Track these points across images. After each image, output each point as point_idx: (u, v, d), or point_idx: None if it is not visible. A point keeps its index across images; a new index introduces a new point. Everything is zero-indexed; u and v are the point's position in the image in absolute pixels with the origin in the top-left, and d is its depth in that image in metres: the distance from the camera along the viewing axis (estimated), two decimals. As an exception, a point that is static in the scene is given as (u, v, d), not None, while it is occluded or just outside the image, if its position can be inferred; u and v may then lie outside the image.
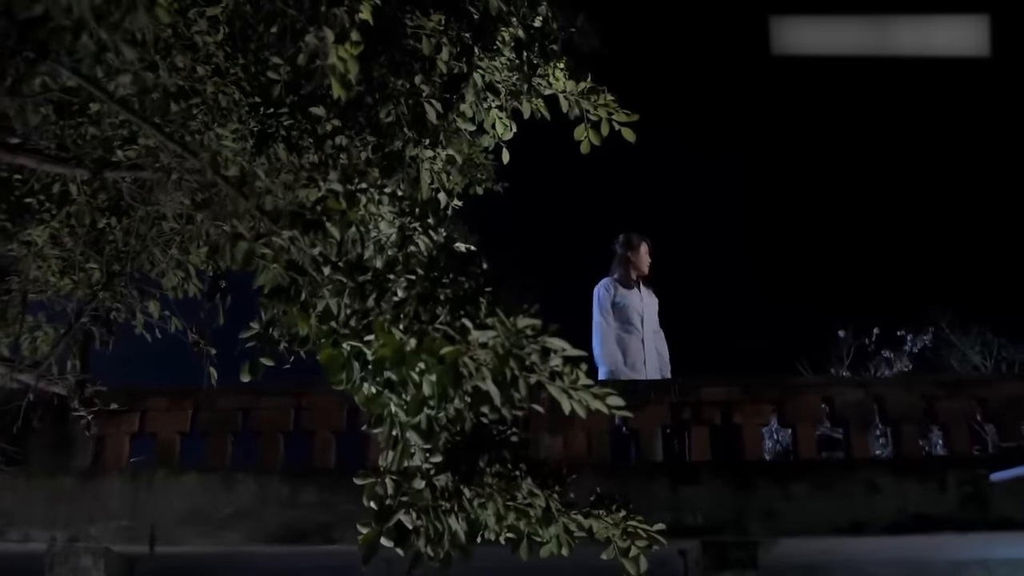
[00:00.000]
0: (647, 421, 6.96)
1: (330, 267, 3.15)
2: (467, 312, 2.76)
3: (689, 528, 5.74)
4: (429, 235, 3.16)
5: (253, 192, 3.43)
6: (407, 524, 3.15)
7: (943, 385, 7.14)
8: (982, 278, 17.29)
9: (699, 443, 6.92)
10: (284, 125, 4.20)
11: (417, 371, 2.76)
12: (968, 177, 18.80)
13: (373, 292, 3.00)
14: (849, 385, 7.21)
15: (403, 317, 2.89)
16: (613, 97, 4.17)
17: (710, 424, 7.04)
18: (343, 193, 3.20)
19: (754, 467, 6.06)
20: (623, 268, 8.30)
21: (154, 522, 5.69)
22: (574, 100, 4.17)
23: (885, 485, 5.86)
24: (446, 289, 2.87)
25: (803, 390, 7.11)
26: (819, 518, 5.79)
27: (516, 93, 4.10)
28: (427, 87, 4.02)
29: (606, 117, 4.17)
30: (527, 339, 2.63)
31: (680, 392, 7.08)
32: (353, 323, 3.01)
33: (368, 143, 4.23)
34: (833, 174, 20.44)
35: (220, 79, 4.23)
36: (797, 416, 6.93)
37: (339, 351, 2.97)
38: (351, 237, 3.15)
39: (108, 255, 4.99)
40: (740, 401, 7.01)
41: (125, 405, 6.62)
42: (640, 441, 6.98)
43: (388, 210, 3.22)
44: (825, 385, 7.21)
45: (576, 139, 4.23)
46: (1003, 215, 18.62)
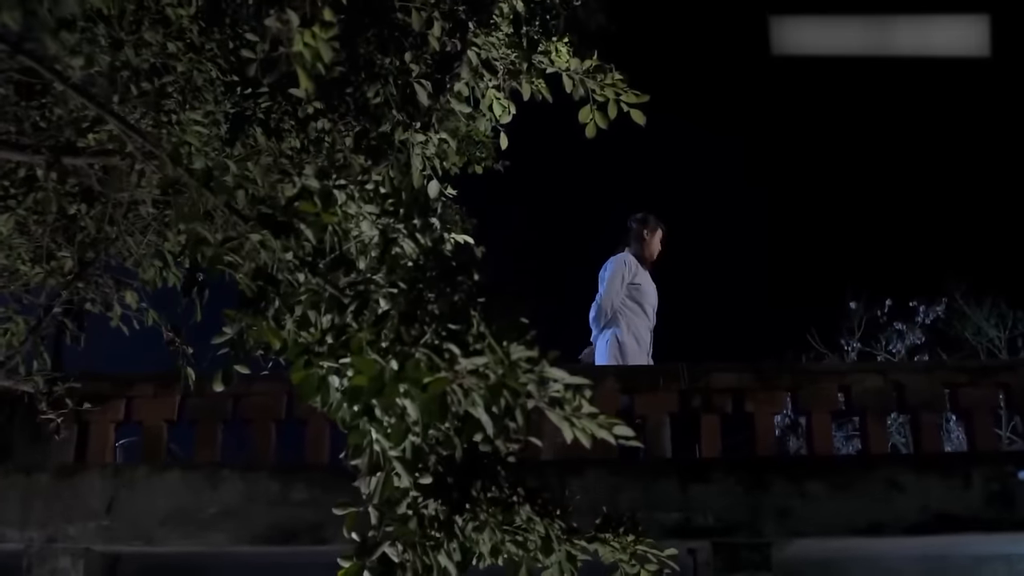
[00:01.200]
0: (655, 408, 6.66)
1: (307, 271, 2.82)
2: (455, 334, 2.43)
3: (699, 528, 5.45)
4: (416, 237, 2.83)
5: (222, 188, 3.09)
6: (392, 558, 2.85)
7: (966, 371, 6.81)
8: (997, 247, 16.93)
9: (709, 433, 6.62)
10: (262, 107, 3.86)
11: (399, 398, 2.44)
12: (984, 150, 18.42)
13: (352, 303, 2.67)
14: (867, 371, 6.87)
15: (383, 336, 2.57)
16: (621, 76, 3.81)
17: (721, 412, 6.74)
18: (319, 191, 2.86)
19: (768, 464, 5.75)
20: (639, 246, 7.94)
21: (136, 522, 5.41)
22: (579, 79, 3.81)
23: (906, 483, 5.55)
24: (432, 305, 2.54)
25: (819, 376, 6.79)
26: (836, 518, 5.49)
27: (515, 72, 3.74)
28: (417, 66, 3.66)
29: (613, 98, 3.82)
30: (523, 370, 2.30)
31: (689, 378, 6.77)
32: (330, 339, 2.69)
33: (354, 127, 3.89)
34: (844, 150, 20.06)
35: (195, 55, 3.89)
36: (812, 404, 6.62)
37: (313, 371, 2.65)
38: (330, 239, 2.82)
39: (80, 243, 4.67)
40: (752, 388, 6.70)
41: (109, 392, 6.34)
42: (647, 430, 6.68)
43: (370, 209, 2.88)
44: (842, 372, 6.88)
45: (581, 121, 3.87)
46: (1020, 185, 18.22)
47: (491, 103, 3.96)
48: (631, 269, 7.84)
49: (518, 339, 2.34)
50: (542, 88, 3.82)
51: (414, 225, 2.84)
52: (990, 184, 18.27)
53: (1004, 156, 18.42)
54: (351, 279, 2.82)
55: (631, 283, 7.80)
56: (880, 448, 6.43)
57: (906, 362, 13.33)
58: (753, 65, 18.13)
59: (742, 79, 18.18)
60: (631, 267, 7.85)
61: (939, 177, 18.31)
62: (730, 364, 7.21)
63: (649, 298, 7.80)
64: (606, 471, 5.62)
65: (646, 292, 7.79)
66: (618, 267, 7.84)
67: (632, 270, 7.83)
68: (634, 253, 7.93)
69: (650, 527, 5.66)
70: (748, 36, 15.17)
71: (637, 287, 7.76)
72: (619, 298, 7.76)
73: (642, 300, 7.75)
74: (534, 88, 3.79)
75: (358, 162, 3.84)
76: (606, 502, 5.69)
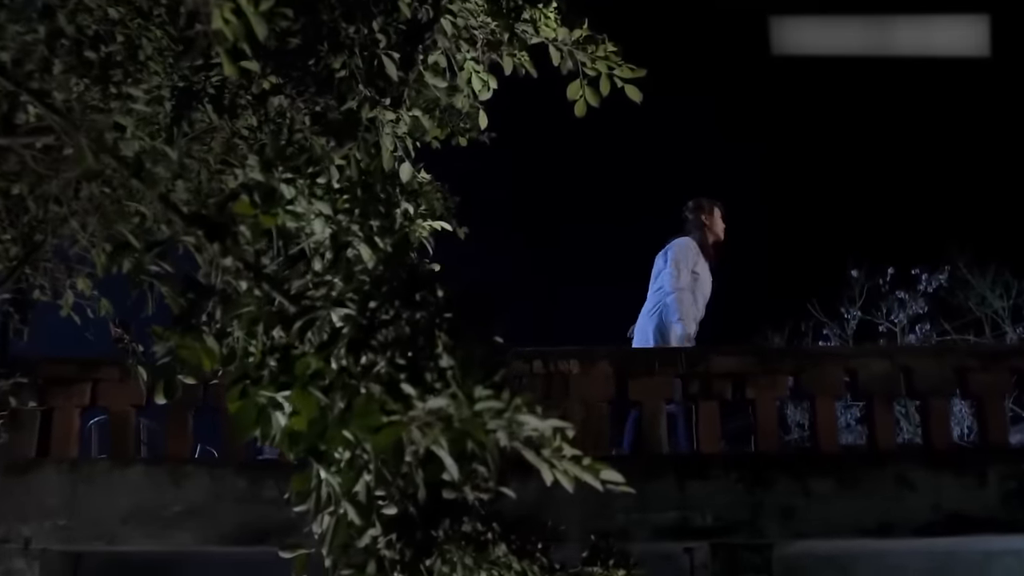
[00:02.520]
0: (651, 394, 6.32)
1: (252, 276, 2.44)
2: (412, 366, 2.05)
3: (697, 529, 5.12)
4: (374, 242, 2.44)
5: (154, 179, 2.70)
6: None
7: (977, 355, 6.47)
8: (1001, 214, 16.53)
9: (708, 420, 6.27)
10: (214, 82, 3.46)
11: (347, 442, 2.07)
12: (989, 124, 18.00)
13: (300, 319, 2.30)
14: (874, 355, 6.52)
15: (334, 359, 2.19)
16: (615, 48, 3.40)
17: (720, 398, 6.40)
18: (261, 186, 2.47)
19: (770, 460, 5.40)
20: (701, 233, 7.42)
21: (96, 520, 5.06)
22: (567, 51, 3.41)
23: (917, 480, 5.21)
24: (387, 329, 2.16)
25: (823, 360, 6.44)
26: (843, 518, 5.16)
27: (495, 43, 3.33)
28: (386, 36, 3.25)
29: (606, 72, 3.41)
30: (489, 417, 1.93)
31: (687, 362, 6.41)
32: (272, 362, 2.31)
33: (316, 103, 3.49)
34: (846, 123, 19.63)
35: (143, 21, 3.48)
36: (817, 389, 6.28)
37: (252, 401, 2.27)
38: (275, 242, 2.44)
39: (25, 225, 4.28)
40: (754, 372, 6.35)
41: (74, 376, 5.98)
42: (643, 418, 6.34)
43: (321, 208, 2.49)
44: (847, 355, 6.53)
45: (569, 98, 3.47)
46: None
47: (470, 77, 3.55)
48: (692, 256, 7.37)
49: (484, 381, 1.96)
50: (525, 61, 3.41)
51: (371, 227, 2.45)
52: (995, 151, 17.85)
53: (1008, 129, 18.01)
54: (302, 284, 2.45)
55: (692, 270, 7.36)
56: (888, 437, 6.09)
57: (914, 345, 12.98)
58: (756, 44, 17.66)
59: (744, 58, 17.72)
60: (693, 253, 7.38)
61: (942, 146, 17.90)
62: (730, 347, 6.87)
63: (704, 288, 7.35)
64: (597, 468, 5.27)
65: (703, 282, 7.33)
66: (681, 251, 7.36)
67: (693, 257, 7.36)
68: (699, 241, 7.43)
69: (645, 528, 5.39)
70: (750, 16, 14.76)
71: (696, 276, 7.33)
72: (689, 293, 7.30)
73: (696, 290, 7.28)
74: (516, 61, 3.38)
75: (319, 144, 3.44)
76: (596, 502, 5.39)
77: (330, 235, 2.41)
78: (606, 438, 6.48)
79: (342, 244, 2.35)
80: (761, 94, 19.40)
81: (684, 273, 7.22)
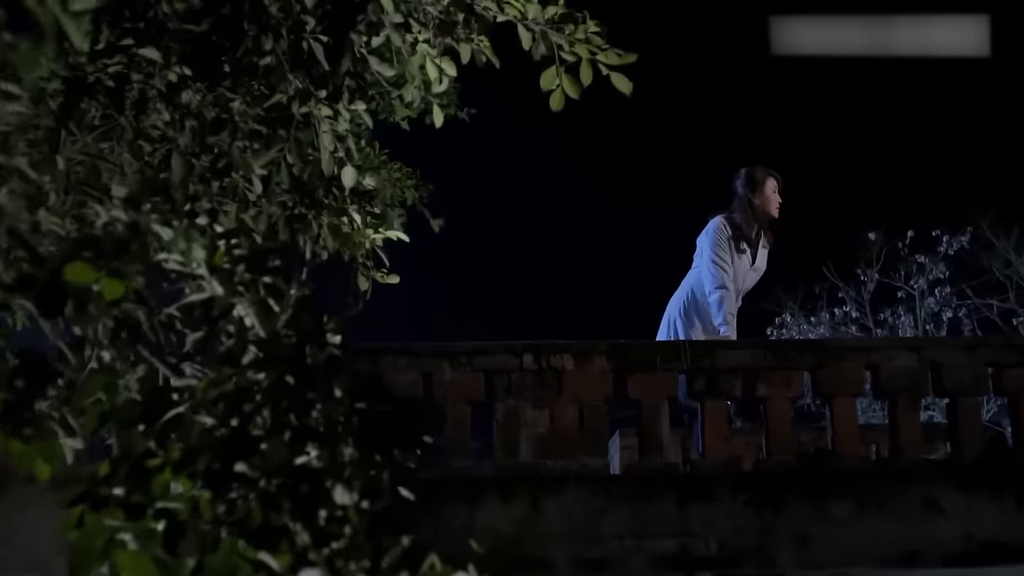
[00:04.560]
0: (651, 392, 5.75)
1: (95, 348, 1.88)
2: (297, 503, 1.49)
3: (699, 559, 4.57)
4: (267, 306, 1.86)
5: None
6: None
7: (1014, 349, 5.88)
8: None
9: (715, 422, 5.72)
10: (111, 72, 2.85)
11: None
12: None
13: (159, 417, 1.73)
14: (898, 348, 5.93)
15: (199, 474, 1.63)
16: (598, 29, 2.78)
17: (728, 396, 5.84)
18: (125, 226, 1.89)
19: (783, 480, 4.83)
20: (744, 216, 6.46)
21: None
22: (539, 32, 2.79)
23: (948, 502, 4.64)
24: (269, 439, 1.59)
25: (843, 355, 5.85)
26: (864, 546, 4.60)
27: (448, 24, 2.71)
28: (312, 17, 2.64)
29: (587, 57, 2.80)
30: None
31: (692, 357, 5.83)
32: (124, 470, 1.75)
33: (233, 98, 2.88)
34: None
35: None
36: (835, 386, 5.71)
37: (95, 531, 1.72)
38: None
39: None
40: (766, 368, 5.77)
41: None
42: (643, 419, 5.79)
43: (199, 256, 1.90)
44: (869, 348, 5.94)
45: (544, 88, 2.86)
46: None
47: (422, 63, 2.93)
48: (725, 242, 6.44)
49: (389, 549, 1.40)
50: (485, 48, 2.80)
51: (260, 287, 1.86)
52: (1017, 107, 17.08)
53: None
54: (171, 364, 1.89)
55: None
56: (914, 441, 5.53)
57: (942, 338, 12.35)
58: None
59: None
60: (725, 239, 6.44)
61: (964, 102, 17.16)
62: (740, 340, 6.29)
63: (739, 276, 6.51)
64: (587, 490, 4.72)
65: (737, 272, 6.49)
66: (717, 241, 6.45)
67: (725, 244, 6.44)
68: (738, 222, 6.47)
69: (640, 557, 4.86)
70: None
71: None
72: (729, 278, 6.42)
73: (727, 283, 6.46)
74: (475, 48, 2.76)
75: (237, 147, 2.85)
76: (587, 527, 4.86)
77: (203, 299, 1.83)
78: (605, 442, 5.94)
79: (213, 319, 1.76)
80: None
81: (726, 268, 6.43)
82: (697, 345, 5.99)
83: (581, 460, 5.61)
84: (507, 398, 5.84)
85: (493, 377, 5.85)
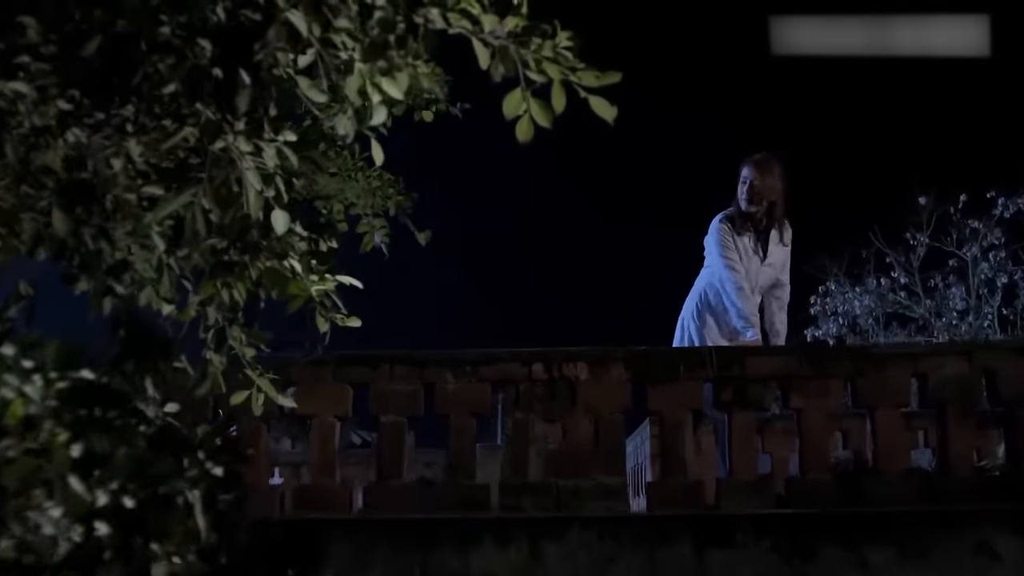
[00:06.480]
0: (674, 405, 5.26)
1: None
2: None
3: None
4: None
5: None
6: None
7: (1081, 354, 5.28)
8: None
9: (742, 437, 5.21)
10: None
11: None
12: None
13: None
14: (947, 354, 5.36)
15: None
16: (571, 44, 2.24)
17: (758, 408, 5.33)
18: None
19: (811, 522, 4.30)
20: (735, 210, 6.08)
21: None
22: (499, 47, 2.26)
23: (1003, 548, 4.10)
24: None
25: (886, 362, 5.29)
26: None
27: (377, 47, 2.17)
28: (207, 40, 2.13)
29: (559, 78, 2.26)
30: None
31: (718, 364, 5.31)
32: None
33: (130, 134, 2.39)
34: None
35: None
36: (877, 397, 5.17)
37: None
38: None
39: None
40: (801, 376, 5.25)
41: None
42: (663, 435, 5.29)
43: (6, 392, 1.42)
44: (916, 355, 5.36)
45: (507, 116, 2.33)
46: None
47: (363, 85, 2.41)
48: (728, 239, 6.03)
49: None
50: (424, 74, 2.27)
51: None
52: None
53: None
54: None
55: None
56: (965, 462, 4.99)
57: (998, 340, 11.63)
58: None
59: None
60: (728, 237, 6.03)
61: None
62: (772, 347, 5.76)
63: (751, 275, 6.07)
64: (594, 533, 4.23)
65: (750, 270, 6.07)
66: (718, 243, 6.06)
67: (729, 241, 6.03)
68: (730, 213, 6.09)
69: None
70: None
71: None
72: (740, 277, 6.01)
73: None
74: (411, 72, 2.23)
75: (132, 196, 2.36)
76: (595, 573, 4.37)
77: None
78: (622, 457, 5.46)
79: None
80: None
81: (736, 267, 5.96)
82: (724, 352, 5.47)
83: (596, 478, 5.15)
84: (515, 411, 5.40)
85: (500, 387, 5.39)
